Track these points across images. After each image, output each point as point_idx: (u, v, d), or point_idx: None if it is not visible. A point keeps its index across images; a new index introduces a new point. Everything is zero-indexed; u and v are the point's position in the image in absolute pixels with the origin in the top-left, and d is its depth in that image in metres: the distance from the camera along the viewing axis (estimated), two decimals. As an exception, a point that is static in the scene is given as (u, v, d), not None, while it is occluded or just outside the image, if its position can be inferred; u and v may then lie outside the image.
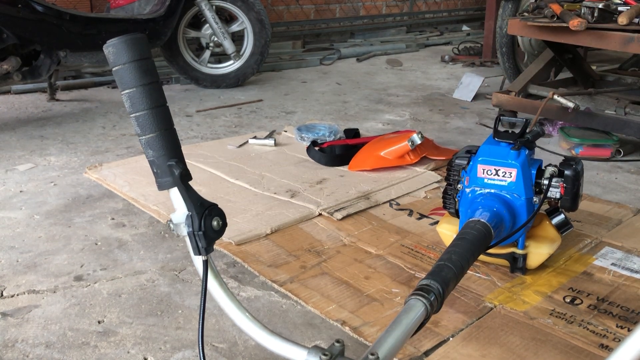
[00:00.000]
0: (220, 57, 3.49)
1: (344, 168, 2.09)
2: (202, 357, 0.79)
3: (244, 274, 1.40)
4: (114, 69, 0.75)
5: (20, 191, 1.91)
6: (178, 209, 0.78)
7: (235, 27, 3.37)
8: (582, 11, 2.26)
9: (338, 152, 2.15)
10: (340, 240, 1.57)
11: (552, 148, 2.35)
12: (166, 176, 0.76)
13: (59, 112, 2.89)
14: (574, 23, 2.17)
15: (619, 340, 1.16)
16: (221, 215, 0.78)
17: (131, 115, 0.76)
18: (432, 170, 2.06)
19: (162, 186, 0.77)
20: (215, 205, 0.78)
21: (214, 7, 3.23)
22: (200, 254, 0.77)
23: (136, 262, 1.46)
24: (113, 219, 1.72)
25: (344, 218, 1.69)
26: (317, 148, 2.17)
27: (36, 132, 2.56)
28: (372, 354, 0.75)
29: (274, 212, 1.71)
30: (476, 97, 3.23)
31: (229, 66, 3.42)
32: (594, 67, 3.53)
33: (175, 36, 3.19)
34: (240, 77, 3.45)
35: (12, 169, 2.11)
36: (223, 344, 1.15)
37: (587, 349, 1.14)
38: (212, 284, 0.81)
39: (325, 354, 0.74)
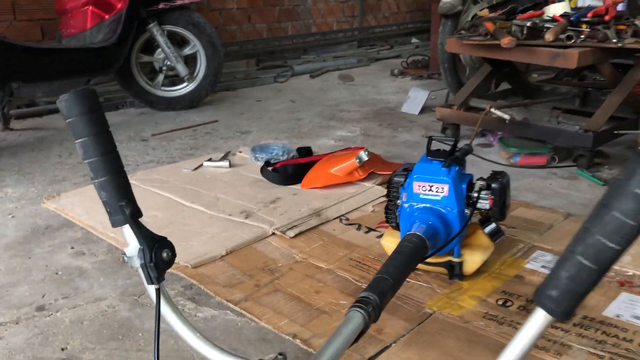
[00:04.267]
0: (174, 79, 3.56)
1: (297, 186, 2.19)
2: (159, 377, 0.87)
3: (201, 295, 1.48)
4: (67, 120, 0.83)
5: (-22, 225, 1.94)
6: (131, 244, 0.86)
7: (187, 51, 3.45)
8: (513, 29, 2.42)
9: (290, 171, 2.25)
10: (293, 257, 1.67)
11: (493, 157, 2.50)
12: (118, 214, 0.84)
13: (13, 142, 2.91)
14: (505, 41, 2.33)
15: (543, 338, 1.28)
16: (170, 247, 0.87)
17: (85, 161, 0.84)
18: (380, 184, 2.17)
19: (115, 224, 0.85)
20: (164, 239, 0.87)
21: (165, 32, 3.30)
22: (152, 283, 0.85)
23: (96, 290, 1.53)
24: (72, 247, 1.77)
25: (296, 236, 1.78)
26: (270, 168, 2.26)
27: (-9, 163, 2.58)
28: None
29: (229, 233, 1.79)
30: (423, 110, 3.38)
31: (183, 88, 3.49)
32: (535, 75, 3.74)
33: (129, 61, 3.24)
34: (195, 99, 3.52)
35: (-31, 202, 2.14)
36: (182, 363, 1.23)
37: (515, 346, 1.25)
38: (165, 310, 0.89)
39: (269, 365, 0.83)
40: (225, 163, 2.42)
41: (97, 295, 1.50)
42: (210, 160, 2.46)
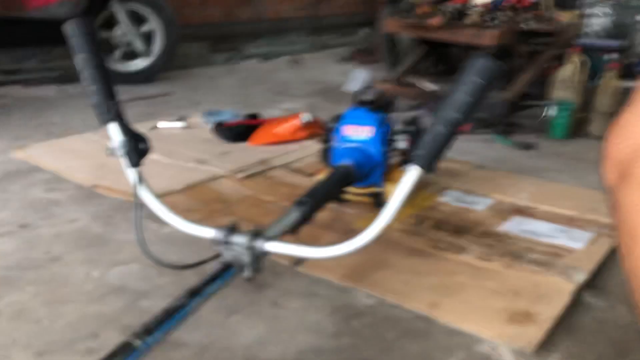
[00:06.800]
0: (131, 55, 3.74)
1: (245, 144, 2.45)
2: (141, 241, 1.12)
3: (164, 218, 1.73)
4: (71, 39, 1.07)
5: (-47, 169, 2.12)
6: (115, 138, 1.11)
7: (145, 28, 3.65)
8: (442, 11, 2.76)
9: (240, 130, 2.51)
10: (243, 193, 1.93)
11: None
12: (106, 114, 1.09)
13: (-25, 106, 3.05)
14: (433, 22, 2.66)
15: (448, 243, 1.60)
16: (146, 140, 1.13)
17: (81, 72, 1.08)
18: (321, 142, 2.46)
19: (102, 122, 1.10)
20: (142, 134, 1.12)
21: (125, 9, 3.49)
22: (133, 166, 1.11)
23: (71, 214, 1.75)
24: (44, 185, 1.98)
25: (246, 177, 2.05)
26: (221, 127, 2.52)
27: (-43, 122, 2.73)
28: (258, 227, 1.12)
29: (185, 175, 2.04)
30: (364, 88, 3.69)
31: (139, 64, 3.69)
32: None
33: (88, 35, 3.41)
34: (151, 74, 3.72)
35: (-59, 152, 2.30)
36: (149, 261, 1.47)
37: (424, 249, 1.57)
38: (142, 190, 1.15)
39: (225, 227, 1.10)
40: (179, 124, 2.65)
41: (72, 218, 1.73)
42: (164, 121, 2.69)
